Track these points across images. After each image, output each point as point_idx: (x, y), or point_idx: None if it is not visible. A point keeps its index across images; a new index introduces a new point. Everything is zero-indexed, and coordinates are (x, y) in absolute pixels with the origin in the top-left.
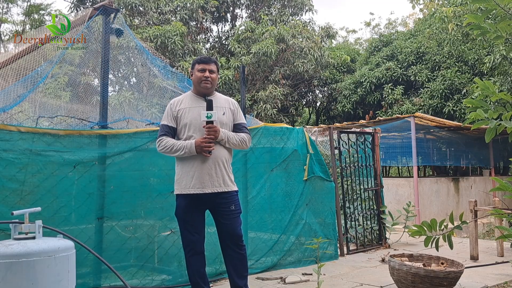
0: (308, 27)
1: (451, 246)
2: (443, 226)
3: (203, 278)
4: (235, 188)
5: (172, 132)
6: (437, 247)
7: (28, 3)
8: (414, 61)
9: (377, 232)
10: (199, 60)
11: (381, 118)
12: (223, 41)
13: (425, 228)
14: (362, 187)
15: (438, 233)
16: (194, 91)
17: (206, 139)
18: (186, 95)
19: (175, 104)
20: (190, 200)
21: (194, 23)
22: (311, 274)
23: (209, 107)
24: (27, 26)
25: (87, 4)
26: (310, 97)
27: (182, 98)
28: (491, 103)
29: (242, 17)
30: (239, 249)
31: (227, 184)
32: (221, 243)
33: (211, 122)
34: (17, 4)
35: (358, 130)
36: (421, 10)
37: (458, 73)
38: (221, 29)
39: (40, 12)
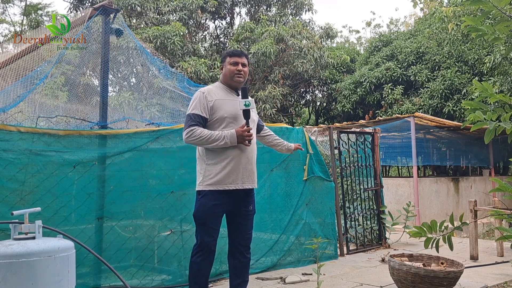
0: (308, 27)
1: (451, 248)
2: (443, 227)
3: (207, 282)
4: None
5: (204, 123)
6: (437, 249)
7: (25, 3)
8: (414, 61)
9: (377, 232)
10: (231, 53)
11: (381, 118)
12: (222, 40)
13: (425, 230)
14: (362, 187)
15: (439, 234)
16: (224, 83)
17: (247, 128)
18: (216, 86)
19: (208, 94)
20: (220, 197)
21: (194, 23)
22: (311, 274)
23: (245, 95)
24: (25, 27)
25: (87, 4)
26: (310, 97)
27: (213, 89)
28: (490, 104)
29: (241, 15)
30: (247, 253)
31: (256, 180)
32: (231, 246)
33: (248, 111)
34: (14, 4)
35: (358, 130)
36: (421, 9)
37: (458, 73)
38: (221, 28)
39: (38, 12)
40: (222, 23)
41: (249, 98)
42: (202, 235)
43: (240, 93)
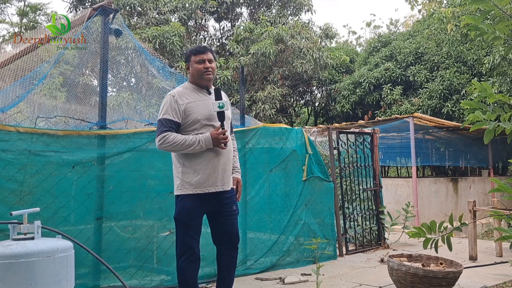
0: (307, 28)
1: (450, 249)
2: (442, 228)
3: (197, 283)
4: None
5: (176, 128)
6: (436, 249)
7: (24, 3)
8: (413, 61)
9: (376, 232)
10: (194, 50)
11: (380, 119)
12: (222, 41)
13: (425, 230)
14: (361, 187)
15: (438, 235)
16: (194, 83)
17: (222, 130)
18: (185, 87)
19: (179, 97)
20: (200, 200)
21: (193, 23)
22: (310, 275)
23: (219, 96)
24: (23, 27)
25: (86, 4)
26: (309, 97)
27: (183, 91)
28: (490, 104)
29: (241, 16)
30: (235, 253)
31: (231, 181)
32: (219, 247)
33: (223, 113)
34: (12, 4)
35: (357, 130)
36: (419, 11)
37: (457, 74)
38: (220, 29)
39: (37, 12)
40: (221, 24)
41: (223, 98)
42: (184, 237)
43: (211, 92)
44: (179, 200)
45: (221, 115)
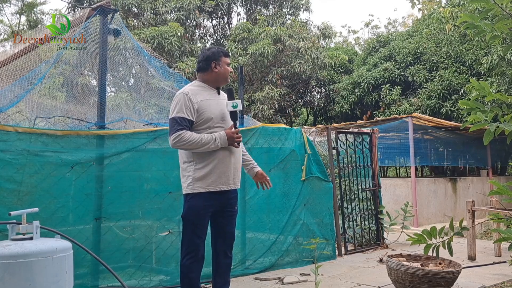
0: (305, 27)
1: (451, 254)
2: (443, 233)
3: (199, 284)
4: None
5: (190, 126)
6: (437, 254)
7: (22, 3)
8: (412, 61)
9: (375, 232)
10: (226, 53)
11: (379, 119)
12: (220, 41)
13: (425, 236)
14: (360, 187)
15: (438, 240)
16: (207, 82)
17: (236, 130)
18: (197, 85)
19: (192, 95)
20: (209, 199)
21: (191, 23)
22: (309, 275)
23: (232, 96)
24: (22, 27)
25: (85, 4)
26: (308, 97)
27: (195, 89)
28: (488, 103)
29: (239, 15)
30: (230, 253)
31: (240, 180)
32: (215, 248)
33: (236, 112)
34: (10, 4)
35: (356, 130)
36: (420, 10)
37: (456, 74)
38: (218, 29)
39: (33, 10)
40: (220, 24)
41: (235, 99)
42: (191, 237)
43: (220, 92)
44: (188, 199)
45: (234, 115)
